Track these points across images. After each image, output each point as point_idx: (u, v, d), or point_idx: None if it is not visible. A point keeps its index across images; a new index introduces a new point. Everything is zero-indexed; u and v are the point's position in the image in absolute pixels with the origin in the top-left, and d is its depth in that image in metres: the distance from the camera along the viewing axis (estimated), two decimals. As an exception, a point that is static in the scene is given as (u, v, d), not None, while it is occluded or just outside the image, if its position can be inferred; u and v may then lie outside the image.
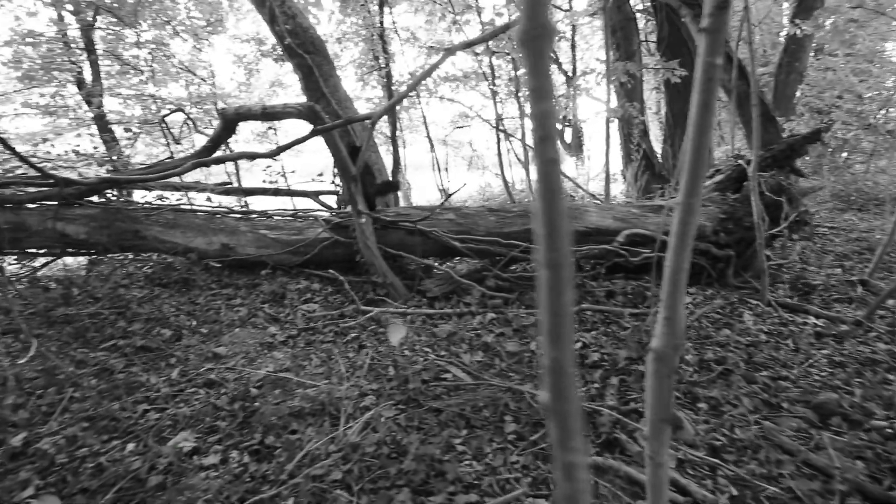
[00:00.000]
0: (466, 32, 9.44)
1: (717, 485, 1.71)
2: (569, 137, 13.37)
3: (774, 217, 3.78)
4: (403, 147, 10.62)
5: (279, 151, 3.67)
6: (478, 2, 8.84)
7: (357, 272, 3.88)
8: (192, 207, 4.37)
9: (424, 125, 10.59)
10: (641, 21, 9.15)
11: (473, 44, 4.06)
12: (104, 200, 4.13)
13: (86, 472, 1.79)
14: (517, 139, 10.08)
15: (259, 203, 5.97)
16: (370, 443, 1.89)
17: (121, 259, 4.10)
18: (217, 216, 4.21)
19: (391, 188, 5.30)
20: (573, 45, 12.27)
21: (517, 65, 9.40)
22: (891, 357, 2.55)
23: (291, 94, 10.54)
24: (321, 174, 4.79)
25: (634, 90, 7.59)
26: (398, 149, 8.99)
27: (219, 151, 4.27)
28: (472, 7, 8.89)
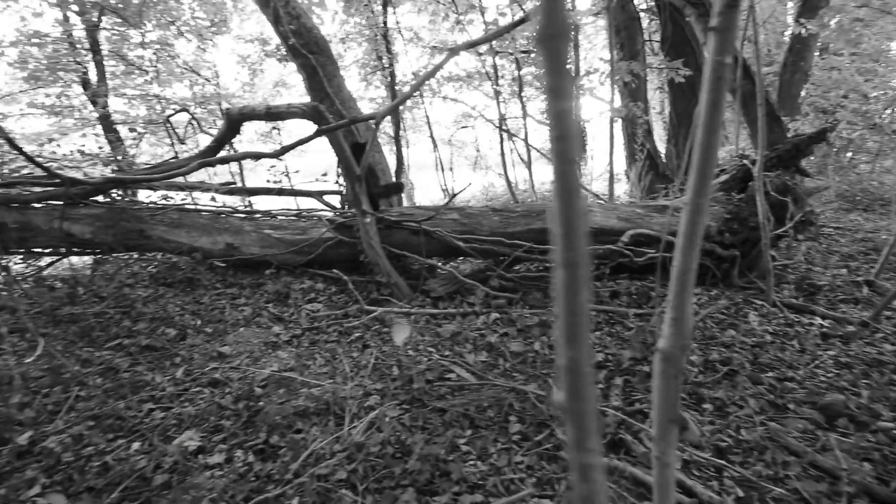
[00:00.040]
0: (470, 32, 9.45)
1: (723, 486, 1.70)
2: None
3: (780, 217, 3.77)
4: (406, 147, 10.63)
5: (284, 151, 3.67)
6: (481, 2, 8.84)
7: (361, 272, 3.89)
8: (197, 207, 4.39)
9: (428, 125, 10.60)
10: (645, 20, 9.13)
11: (477, 44, 4.06)
12: (109, 200, 4.15)
13: (91, 471, 1.80)
14: (520, 139, 10.08)
15: (263, 203, 5.97)
16: (375, 442, 1.89)
17: (126, 258, 4.12)
18: (221, 216, 4.22)
19: (395, 190, 5.31)
20: (576, 45, 12.22)
21: (520, 64, 9.40)
22: (898, 358, 2.54)
23: (295, 95, 10.57)
24: (325, 174, 4.80)
25: (638, 90, 7.57)
26: (401, 149, 9.00)
27: (223, 151, 4.29)
28: (476, 7, 8.89)
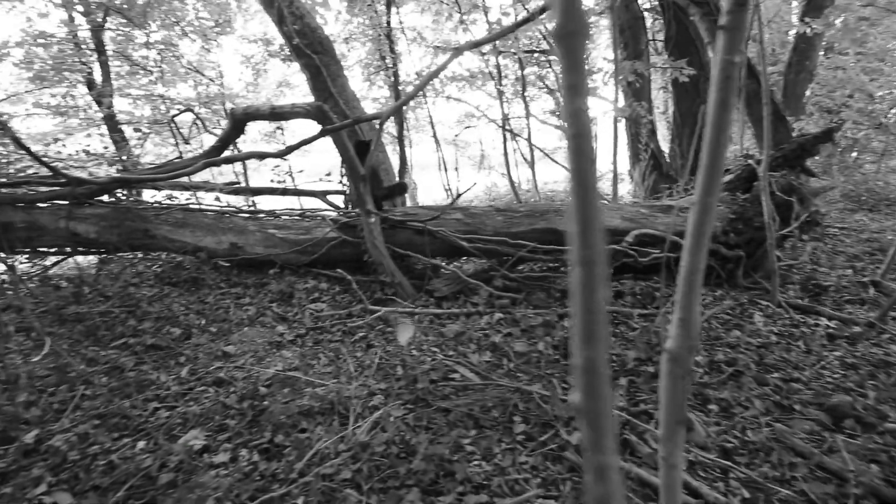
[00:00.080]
0: (473, 32, 9.45)
1: (729, 487, 1.69)
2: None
3: (785, 217, 3.75)
4: (410, 147, 10.63)
5: (288, 151, 3.68)
6: (484, 1, 8.83)
7: (365, 272, 3.89)
8: (201, 207, 4.40)
9: (431, 125, 10.60)
10: (649, 20, 9.11)
11: (481, 43, 4.05)
12: (114, 200, 4.17)
13: (97, 470, 1.80)
14: (524, 139, 10.07)
15: (267, 203, 5.99)
16: (379, 442, 1.89)
17: (131, 258, 4.14)
18: (226, 215, 4.23)
19: (399, 190, 5.31)
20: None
21: (523, 64, 9.39)
22: (905, 359, 2.52)
23: (299, 95, 10.59)
24: (329, 174, 4.80)
25: (642, 89, 7.54)
26: (405, 149, 9.01)
27: (227, 151, 4.30)
28: (479, 7, 8.89)
